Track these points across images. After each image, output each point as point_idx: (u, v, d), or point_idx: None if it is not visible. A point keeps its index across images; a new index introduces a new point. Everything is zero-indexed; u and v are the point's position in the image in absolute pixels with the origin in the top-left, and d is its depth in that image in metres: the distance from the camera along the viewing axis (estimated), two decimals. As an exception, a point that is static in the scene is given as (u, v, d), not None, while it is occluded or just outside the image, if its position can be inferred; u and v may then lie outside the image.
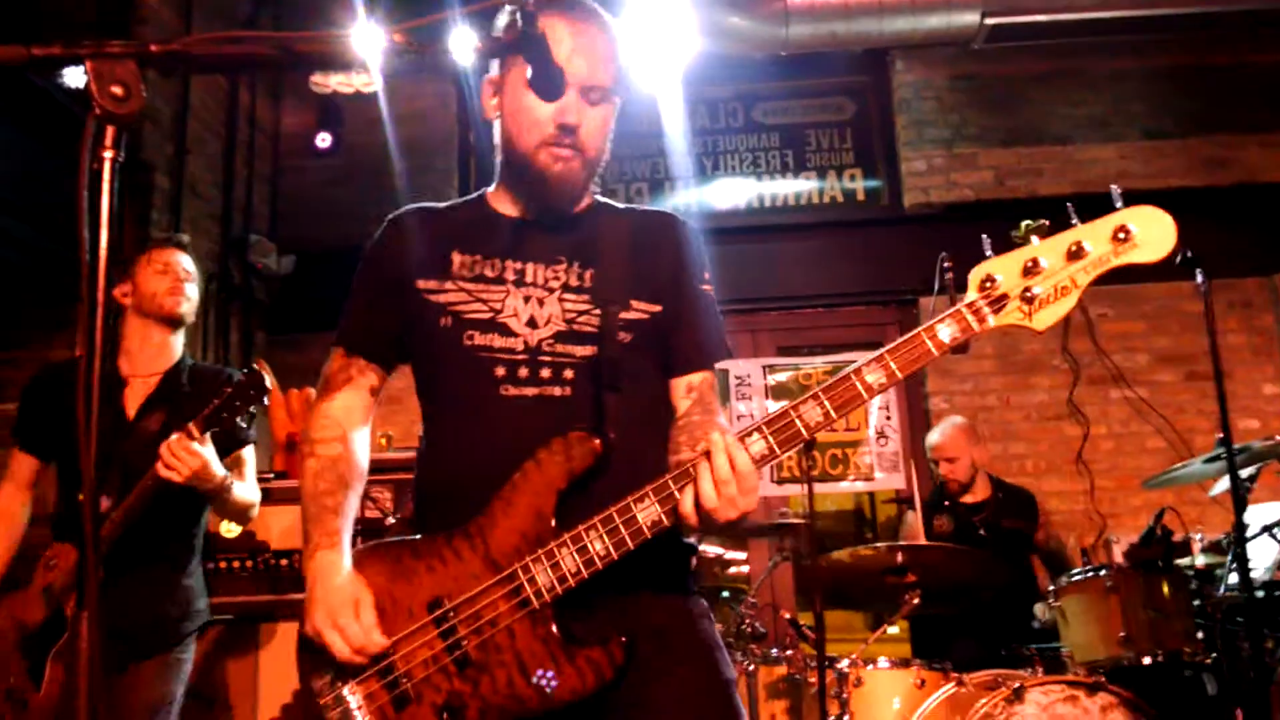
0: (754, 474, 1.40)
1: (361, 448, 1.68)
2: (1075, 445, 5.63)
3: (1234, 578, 3.54)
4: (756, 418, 1.56)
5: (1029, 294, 1.40)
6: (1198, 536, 4.05)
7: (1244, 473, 3.69)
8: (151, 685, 2.65)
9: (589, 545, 1.42)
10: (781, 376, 5.87)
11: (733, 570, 5.51)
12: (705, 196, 6.17)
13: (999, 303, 1.41)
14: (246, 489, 2.88)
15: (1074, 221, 1.41)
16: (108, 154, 1.02)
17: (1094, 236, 1.40)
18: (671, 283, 1.66)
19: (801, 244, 5.97)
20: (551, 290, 1.61)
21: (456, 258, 1.65)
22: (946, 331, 1.41)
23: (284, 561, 4.16)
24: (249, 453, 2.97)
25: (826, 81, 6.28)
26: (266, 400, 2.57)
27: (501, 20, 1.57)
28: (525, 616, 1.44)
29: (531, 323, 1.59)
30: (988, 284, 1.41)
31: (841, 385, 1.42)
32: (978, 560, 3.71)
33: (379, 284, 1.70)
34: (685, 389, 1.66)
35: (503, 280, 1.62)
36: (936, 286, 3.90)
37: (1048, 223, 1.42)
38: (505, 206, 1.70)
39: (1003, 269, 1.41)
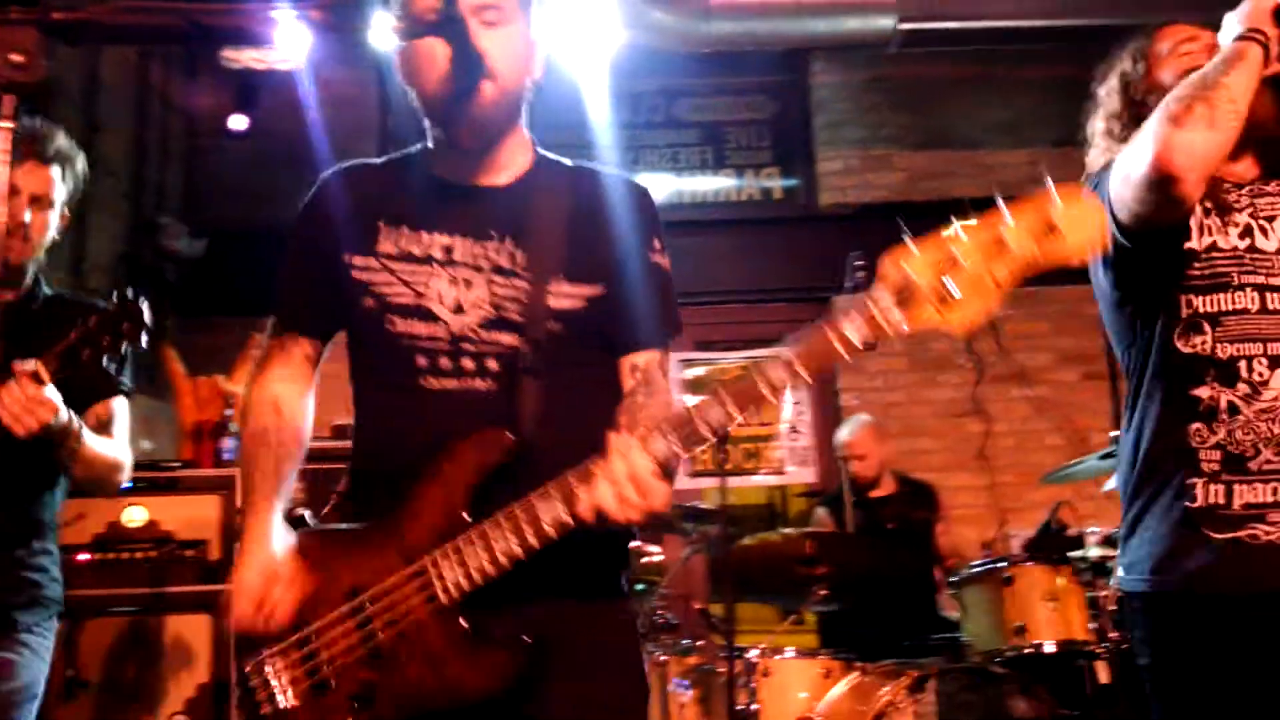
0: (650, 476, 1.34)
1: (298, 415, 1.64)
2: (979, 441, 5.81)
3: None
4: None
5: (944, 292, 1.26)
6: (1092, 530, 4.21)
7: (1136, 469, 3.84)
8: None
9: (494, 542, 1.39)
10: (699, 370, 5.93)
11: (645, 561, 5.54)
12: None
13: (911, 300, 1.28)
14: (109, 445, 2.35)
15: (1003, 211, 1.27)
16: (6, 124, 0.98)
17: (1019, 230, 1.25)
18: (616, 258, 1.58)
19: (720, 240, 6.02)
20: (480, 270, 1.54)
21: (383, 231, 1.58)
22: (853, 332, 1.29)
23: (189, 553, 4.05)
24: (120, 405, 2.42)
25: (747, 80, 6.35)
26: (145, 340, 2.12)
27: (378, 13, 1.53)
28: (434, 611, 1.42)
29: (457, 308, 1.53)
30: (900, 278, 1.28)
31: (743, 383, 1.35)
32: (885, 552, 3.81)
33: (307, 252, 1.64)
34: (629, 369, 1.60)
35: (430, 259, 1.55)
36: (849, 285, 3.98)
37: (971, 211, 1.29)
38: (438, 167, 1.63)
39: (917, 263, 1.27)
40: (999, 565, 3.62)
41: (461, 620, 1.41)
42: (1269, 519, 1.70)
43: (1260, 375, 1.74)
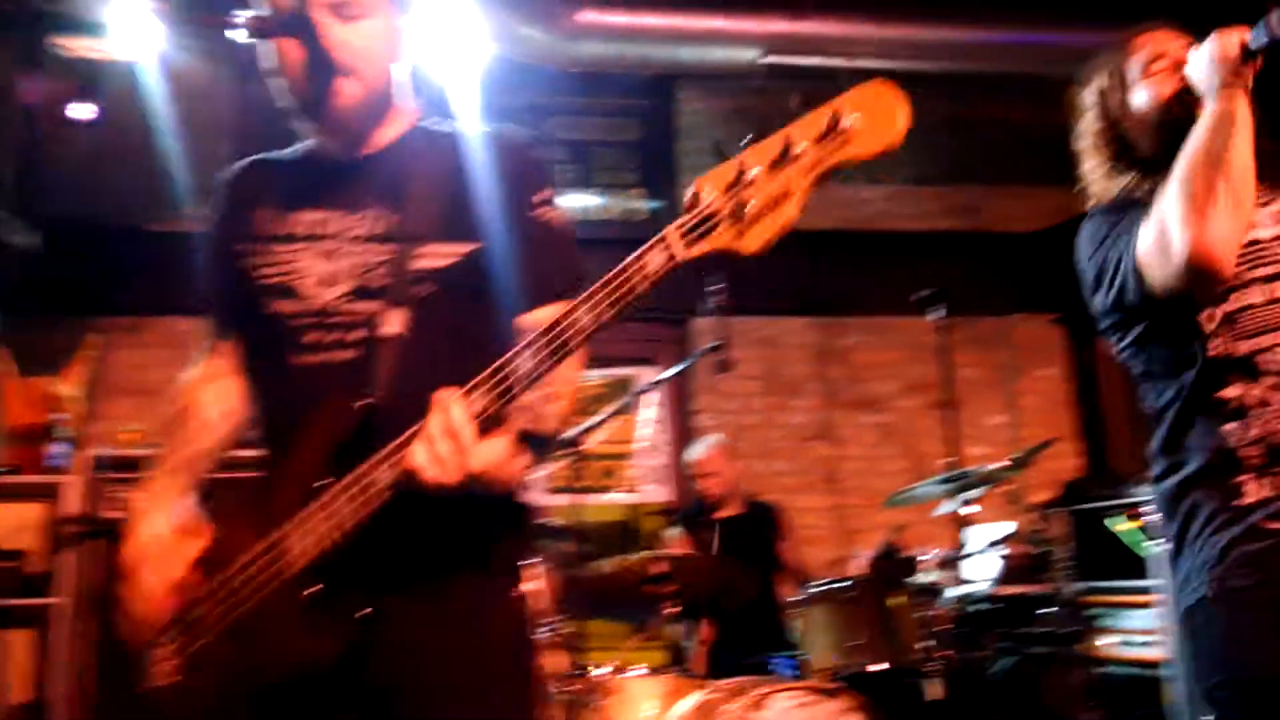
0: (468, 431, 1.29)
1: (215, 401, 1.65)
2: (828, 465, 5.99)
3: (956, 591, 3.88)
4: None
5: (740, 210, 1.20)
6: (928, 553, 4.40)
7: (970, 494, 4.05)
8: None
9: (336, 509, 1.37)
10: (557, 388, 5.93)
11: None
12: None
13: (707, 224, 1.22)
14: None
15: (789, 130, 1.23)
16: None
17: (802, 134, 1.21)
18: (498, 213, 1.53)
19: (583, 258, 6.05)
20: (351, 242, 1.53)
21: (260, 216, 1.59)
22: (652, 260, 1.25)
23: (10, 564, 3.82)
24: None
25: (616, 102, 6.42)
26: None
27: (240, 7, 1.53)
28: (284, 583, 1.40)
29: (326, 281, 1.52)
30: (694, 203, 1.23)
31: (552, 331, 1.30)
32: (733, 572, 3.88)
33: (213, 253, 1.66)
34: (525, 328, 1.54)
35: (299, 237, 1.55)
36: (705, 307, 4.04)
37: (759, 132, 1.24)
38: (316, 148, 1.65)
39: (708, 185, 1.22)
40: (840, 585, 3.74)
41: (303, 591, 1.40)
42: None
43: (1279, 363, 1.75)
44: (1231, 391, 1.75)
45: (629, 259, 1.29)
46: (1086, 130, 2.04)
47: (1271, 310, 1.76)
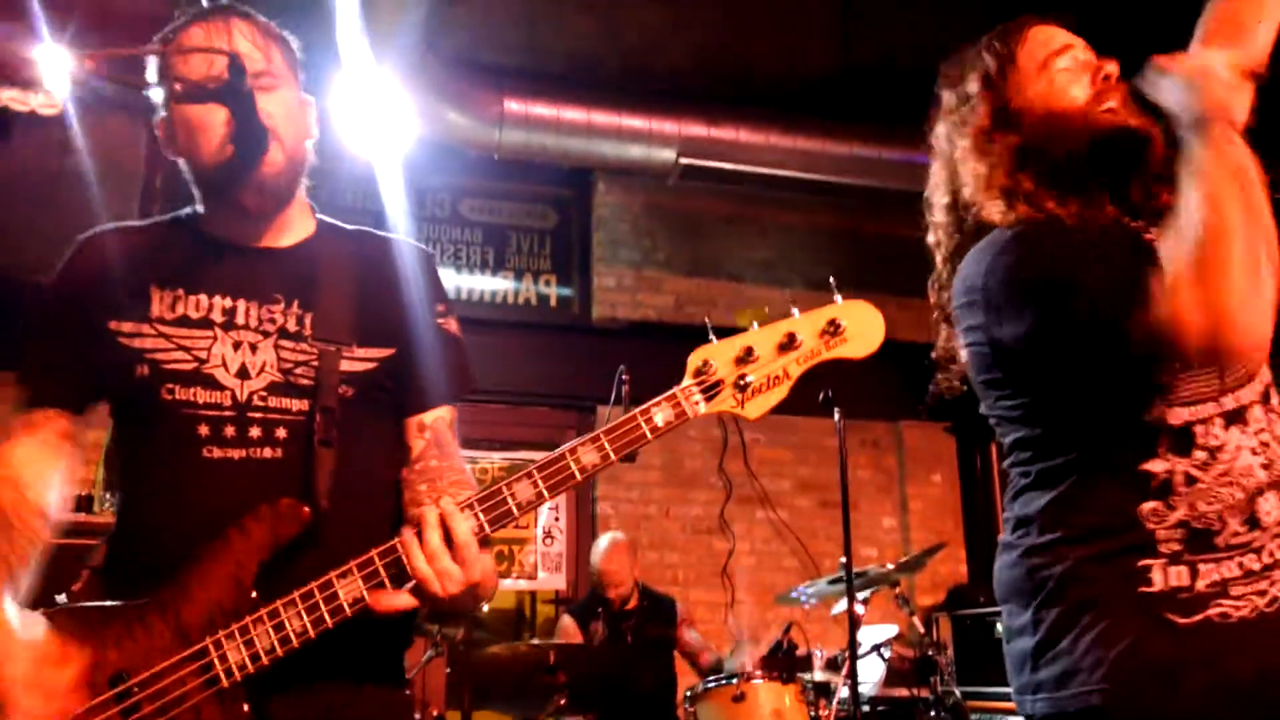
0: (473, 545, 1.32)
1: (42, 492, 1.46)
2: (722, 559, 6.03)
3: (845, 691, 3.92)
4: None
5: (743, 381, 1.39)
6: (818, 651, 4.45)
7: (860, 595, 4.12)
8: None
9: (286, 622, 1.31)
10: (457, 468, 5.87)
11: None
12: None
13: (714, 389, 1.39)
14: None
15: (793, 312, 1.41)
16: None
17: (807, 328, 1.40)
18: (404, 321, 1.55)
19: (493, 340, 6.07)
20: (266, 335, 1.48)
21: (156, 295, 1.48)
22: (660, 416, 1.38)
23: None
24: None
25: (534, 189, 6.53)
26: None
27: (150, 70, 1.51)
28: (214, 696, 1.31)
29: (242, 372, 1.45)
30: (703, 369, 1.39)
31: (556, 464, 1.36)
32: (625, 663, 3.86)
33: (63, 318, 1.51)
34: (418, 428, 1.55)
35: (209, 323, 1.47)
36: (613, 396, 4.09)
37: (767, 310, 1.42)
38: (214, 228, 1.55)
39: (718, 355, 1.39)
40: (731, 681, 3.75)
41: (244, 705, 1.32)
42: (1234, 593, 1.44)
43: (1216, 438, 1.49)
44: (1158, 465, 1.48)
45: (638, 410, 1.38)
46: (963, 126, 1.68)
47: (1211, 376, 1.50)
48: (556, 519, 5.92)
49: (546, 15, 5.70)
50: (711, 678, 4.00)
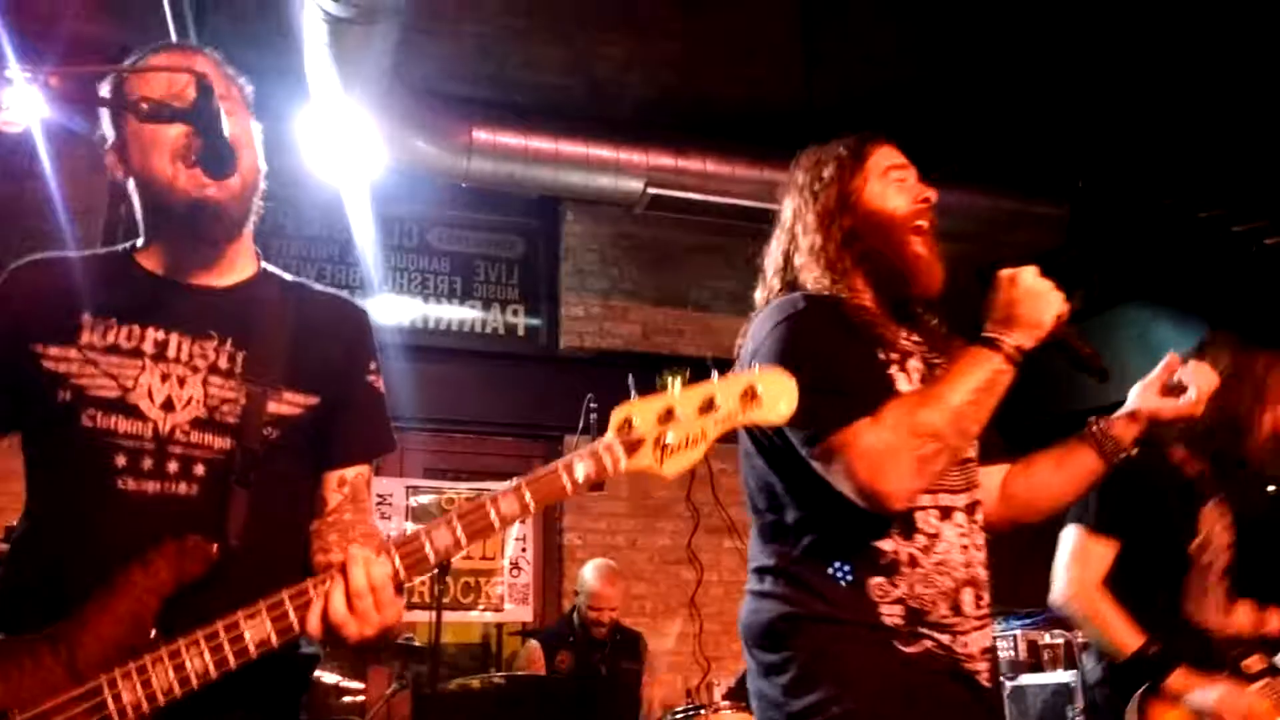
0: (389, 589, 1.34)
1: None
2: (690, 589, 6.02)
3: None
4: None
5: (662, 440, 1.41)
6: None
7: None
8: None
9: (187, 662, 1.28)
10: (424, 499, 5.83)
11: (348, 700, 5.25)
12: (372, 310, 6.12)
13: (634, 446, 1.41)
14: None
15: (712, 377, 1.45)
16: None
17: (726, 393, 1.43)
18: (336, 373, 1.57)
19: (459, 370, 6.05)
20: (196, 370, 1.47)
21: (87, 321, 1.46)
22: (582, 469, 1.40)
23: None
24: None
25: (501, 219, 6.53)
26: None
27: (105, 87, 1.52)
28: None
29: (167, 405, 1.44)
30: (626, 427, 1.41)
31: (476, 513, 1.37)
32: (596, 696, 3.83)
33: None
34: (337, 482, 1.57)
35: (139, 353, 1.46)
36: (581, 426, 4.08)
37: (689, 371, 1.45)
38: (154, 263, 1.54)
39: (641, 413, 1.42)
40: (698, 711, 3.73)
41: None
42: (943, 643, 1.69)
43: (933, 526, 1.72)
44: (888, 544, 1.69)
45: (558, 462, 1.40)
46: (813, 204, 1.95)
47: None
48: (524, 550, 5.88)
49: (515, 46, 5.72)
50: (679, 708, 3.98)
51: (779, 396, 1.44)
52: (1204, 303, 5.63)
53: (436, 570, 3.94)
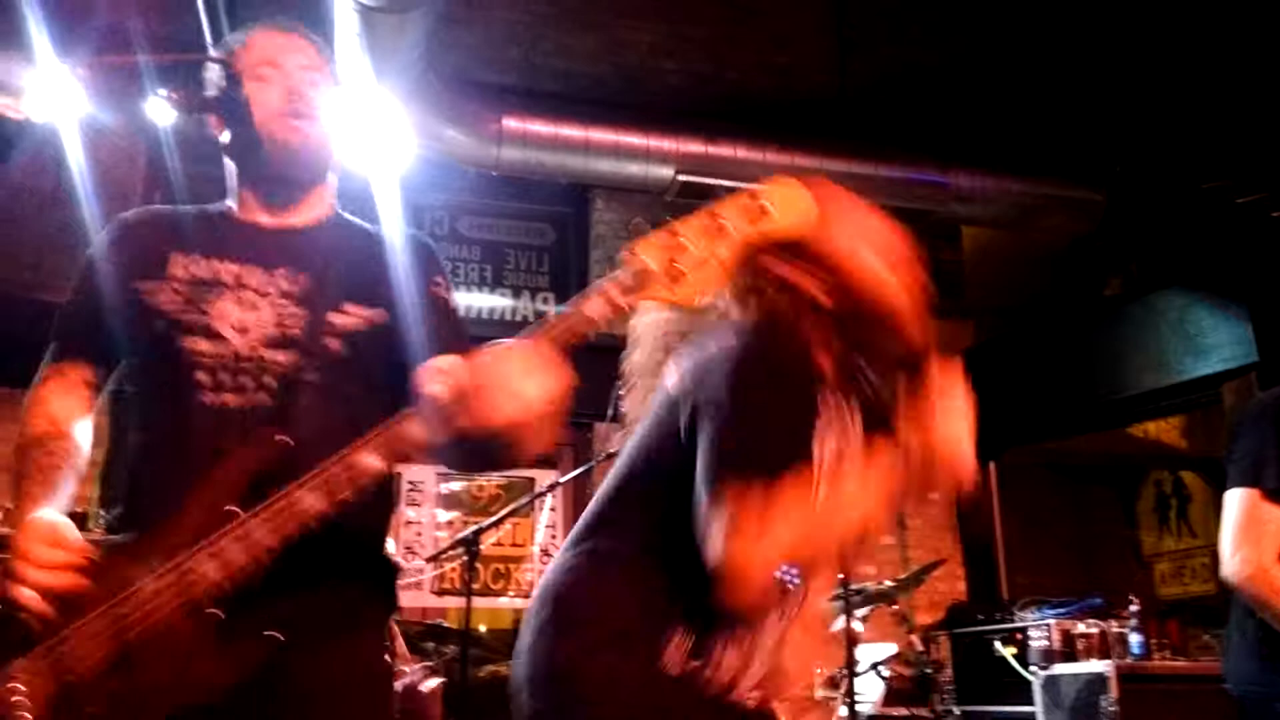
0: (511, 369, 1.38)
1: (74, 430, 1.62)
2: (721, 577, 6.00)
3: (844, 710, 3.90)
4: (425, 524, 1.56)
5: (673, 270, 1.38)
6: (817, 670, 4.42)
7: (859, 612, 4.11)
8: None
9: (252, 536, 1.38)
10: (455, 485, 5.86)
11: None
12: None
13: (644, 277, 1.38)
14: None
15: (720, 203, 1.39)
16: None
17: (732, 213, 1.39)
18: (400, 289, 1.68)
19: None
20: (266, 294, 1.63)
21: (176, 258, 1.65)
22: (593, 308, 1.40)
23: None
24: None
25: (531, 206, 6.54)
26: None
27: (212, 75, 1.71)
28: (187, 610, 1.38)
29: (242, 328, 1.60)
30: (637, 265, 1.38)
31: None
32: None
33: (94, 282, 1.68)
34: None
35: (219, 283, 1.63)
36: (610, 413, 4.07)
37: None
38: (240, 210, 1.74)
39: (646, 250, 1.38)
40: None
41: (210, 613, 1.39)
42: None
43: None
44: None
45: (568, 306, 1.41)
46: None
47: None
48: (553, 537, 5.89)
49: (545, 34, 5.72)
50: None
51: (790, 203, 1.40)
52: (1242, 288, 5.55)
53: (468, 557, 3.98)
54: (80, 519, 3.58)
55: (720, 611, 1.55)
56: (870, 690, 4.46)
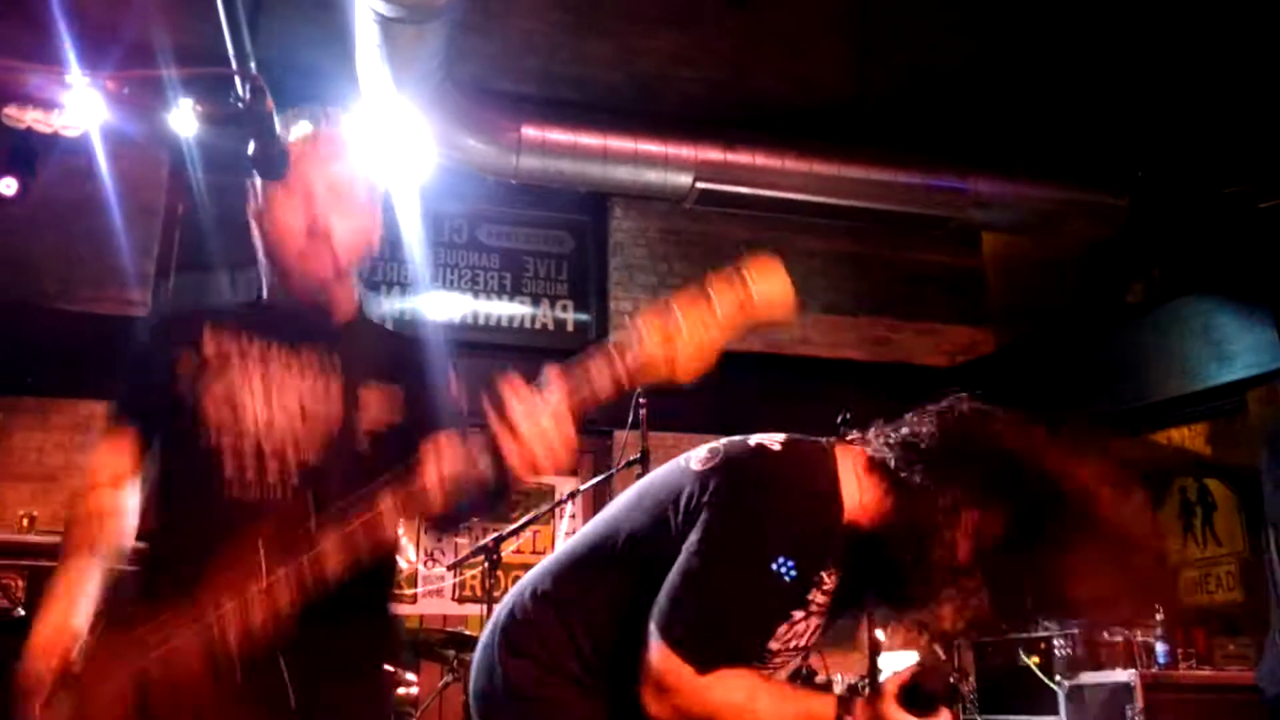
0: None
1: (130, 528, 1.67)
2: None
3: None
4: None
5: (672, 356, 1.44)
6: (838, 678, 4.40)
7: (880, 620, 4.08)
8: None
9: (278, 592, 1.41)
10: (474, 494, 5.85)
11: (401, 691, 5.31)
12: (423, 306, 6.19)
13: (648, 367, 1.46)
14: None
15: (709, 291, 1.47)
16: None
17: (720, 291, 1.46)
18: (419, 391, 1.72)
19: (508, 366, 6.05)
20: (294, 391, 1.66)
21: (208, 337, 1.69)
22: (601, 376, 1.50)
23: None
24: None
25: (550, 215, 6.55)
26: None
27: (298, 129, 1.70)
28: (210, 664, 1.41)
29: (267, 421, 1.63)
30: (640, 351, 1.46)
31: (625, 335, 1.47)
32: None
33: (150, 356, 1.72)
34: None
35: (247, 363, 1.67)
36: (630, 420, 4.07)
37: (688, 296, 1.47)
38: (274, 303, 1.77)
39: (651, 336, 1.45)
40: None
41: (234, 673, 1.41)
42: None
43: None
44: None
45: (578, 361, 1.49)
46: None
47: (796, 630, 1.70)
48: (574, 544, 5.89)
49: (563, 43, 5.75)
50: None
51: (770, 293, 1.48)
52: (1267, 294, 5.49)
53: (488, 564, 3.97)
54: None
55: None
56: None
